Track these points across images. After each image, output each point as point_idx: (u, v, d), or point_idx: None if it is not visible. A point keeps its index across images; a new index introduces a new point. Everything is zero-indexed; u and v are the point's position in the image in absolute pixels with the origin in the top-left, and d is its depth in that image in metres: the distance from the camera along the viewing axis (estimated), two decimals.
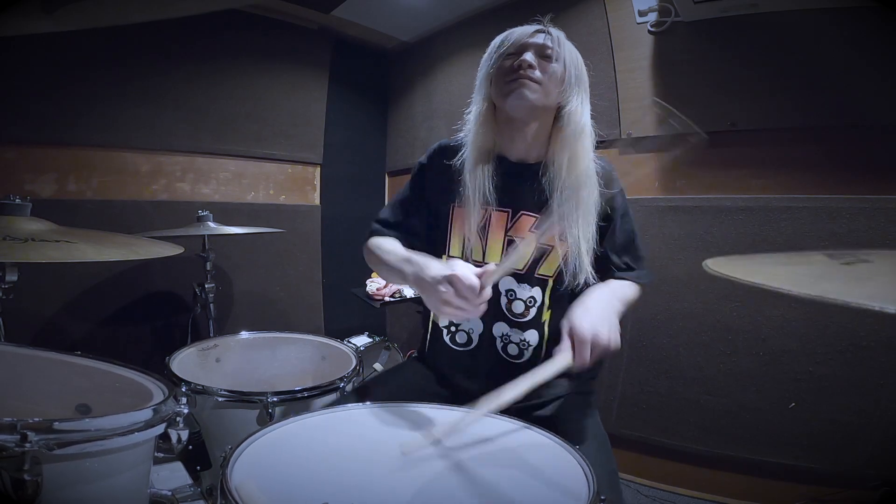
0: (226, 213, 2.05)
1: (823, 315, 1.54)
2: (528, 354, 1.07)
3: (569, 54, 1.02)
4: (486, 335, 1.08)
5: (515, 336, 1.06)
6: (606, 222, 1.06)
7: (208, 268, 1.88)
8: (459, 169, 1.06)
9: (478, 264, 1.00)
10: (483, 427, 0.86)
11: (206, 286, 1.88)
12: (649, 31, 1.85)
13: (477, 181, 1.03)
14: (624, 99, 1.92)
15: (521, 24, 1.04)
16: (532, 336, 1.06)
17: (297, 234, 2.61)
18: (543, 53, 1.00)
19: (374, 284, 2.34)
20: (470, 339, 1.10)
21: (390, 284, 2.28)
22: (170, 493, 0.86)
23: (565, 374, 1.09)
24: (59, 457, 0.65)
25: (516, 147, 1.06)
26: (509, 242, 1.05)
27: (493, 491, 0.69)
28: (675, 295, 1.81)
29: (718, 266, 0.74)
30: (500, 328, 1.07)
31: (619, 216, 1.08)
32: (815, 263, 0.77)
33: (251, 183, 2.47)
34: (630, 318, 1.86)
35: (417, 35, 2.73)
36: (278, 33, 2.46)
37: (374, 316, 2.80)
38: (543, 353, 1.06)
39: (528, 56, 0.99)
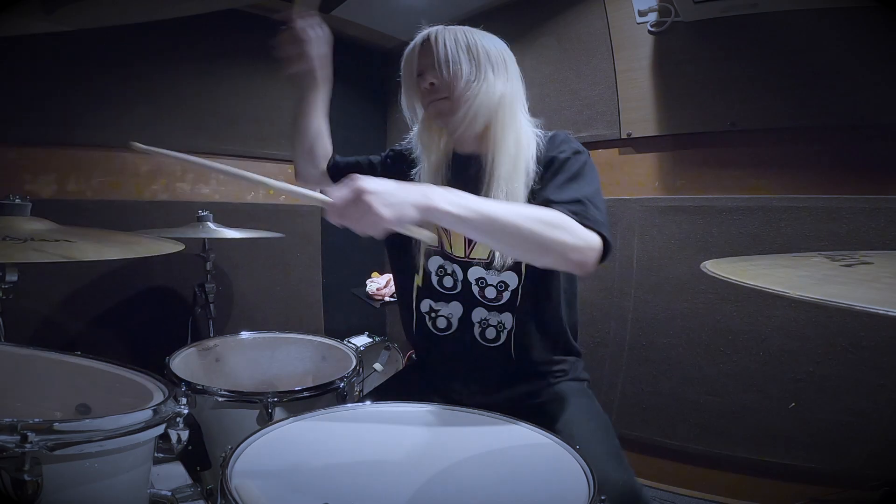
0: (226, 213, 2.05)
1: (823, 315, 1.54)
2: (503, 338, 1.07)
3: (462, 47, 1.02)
4: (466, 320, 1.09)
5: (494, 319, 1.07)
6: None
7: (208, 268, 1.88)
8: (416, 169, 1.11)
9: (446, 255, 1.09)
10: (483, 427, 0.87)
11: (206, 286, 1.88)
12: (649, 31, 1.85)
13: (435, 179, 1.07)
14: (624, 99, 1.92)
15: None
16: (507, 318, 1.06)
17: (297, 235, 2.61)
18: (436, 64, 1.01)
19: (374, 284, 2.34)
20: (449, 324, 1.10)
21: (390, 284, 2.28)
22: (170, 493, 0.85)
23: (562, 365, 1.10)
24: (59, 457, 0.65)
25: (461, 142, 1.09)
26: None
27: (492, 491, 0.69)
28: (675, 295, 1.81)
29: (718, 268, 0.74)
30: (479, 313, 1.08)
31: (553, 171, 0.98)
32: (815, 265, 0.77)
33: (251, 183, 2.47)
34: (630, 318, 1.87)
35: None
36: (278, 33, 2.45)
37: (374, 316, 2.80)
38: (514, 336, 1.06)
39: (425, 82, 1.02)
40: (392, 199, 0.73)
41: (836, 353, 1.53)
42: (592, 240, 0.84)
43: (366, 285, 2.36)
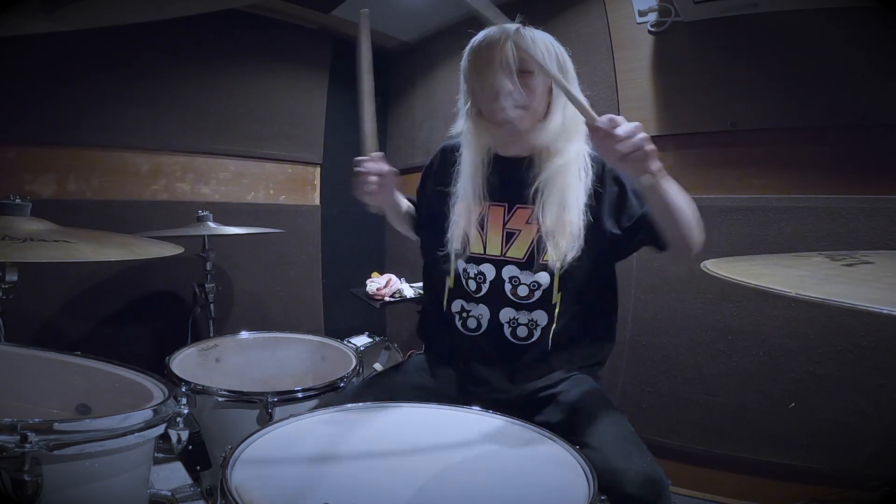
0: (226, 213, 2.05)
1: (823, 315, 1.53)
2: (537, 334, 1.08)
3: (546, 54, 1.00)
4: (494, 321, 1.10)
5: (524, 317, 1.08)
6: (620, 201, 1.06)
7: (208, 268, 1.88)
8: (459, 167, 1.12)
9: (478, 258, 1.10)
10: (483, 427, 0.87)
11: (206, 286, 1.88)
12: (649, 31, 1.85)
13: (475, 178, 1.09)
14: (624, 99, 1.92)
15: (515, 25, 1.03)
16: (541, 316, 1.08)
17: (297, 234, 2.61)
18: (521, 69, 0.99)
19: (374, 284, 2.33)
20: (479, 325, 1.12)
21: (390, 284, 2.28)
22: (170, 493, 0.86)
23: (569, 358, 1.11)
24: (59, 457, 0.65)
25: (509, 145, 1.09)
26: (507, 235, 1.09)
27: (492, 491, 0.69)
28: (675, 295, 1.81)
29: (718, 267, 0.74)
30: (507, 313, 1.09)
31: (628, 188, 1.06)
32: (816, 265, 0.76)
33: (251, 183, 2.47)
34: (630, 318, 1.86)
35: (417, 35, 2.73)
36: (278, 33, 2.46)
37: (374, 316, 2.80)
38: (552, 333, 1.08)
39: (506, 85, 0.97)
40: (657, 161, 0.88)
41: (836, 353, 1.53)
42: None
43: (366, 285, 2.35)
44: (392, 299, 2.28)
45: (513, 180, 1.08)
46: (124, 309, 2.12)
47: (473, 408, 0.93)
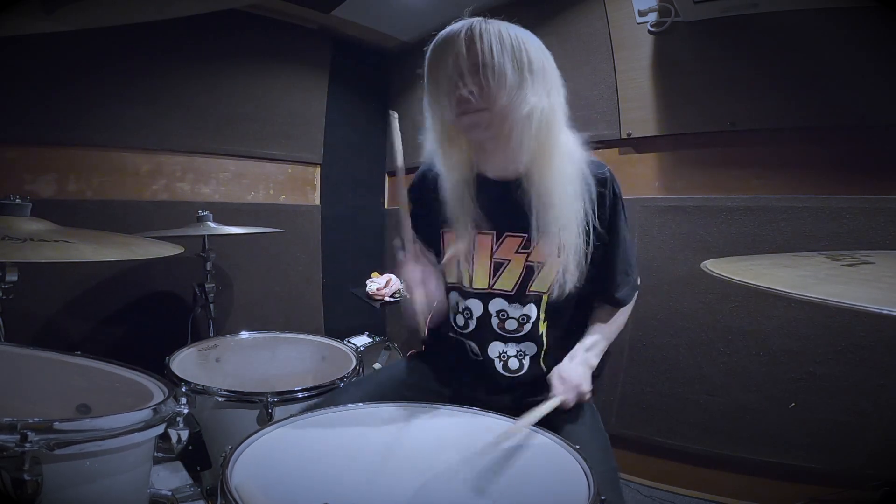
0: (226, 213, 2.05)
1: (823, 315, 1.53)
2: (527, 365, 1.05)
3: (498, 49, 0.87)
4: (486, 355, 1.06)
5: (512, 349, 1.05)
6: (601, 241, 1.01)
7: (208, 268, 1.88)
8: (443, 195, 1.01)
9: (464, 290, 1.06)
10: (483, 427, 0.87)
11: (206, 286, 1.88)
12: (649, 31, 1.85)
13: (462, 205, 0.99)
14: (624, 99, 1.92)
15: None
16: (530, 348, 1.05)
17: (297, 234, 2.61)
18: (475, 63, 0.88)
19: (374, 284, 2.33)
20: (477, 354, 1.09)
21: (390, 284, 2.28)
22: (170, 493, 0.86)
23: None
24: (59, 457, 0.65)
25: (492, 164, 1.00)
26: (496, 266, 1.01)
27: (492, 491, 0.69)
28: (675, 295, 1.81)
29: (718, 267, 0.74)
30: (496, 347, 1.05)
31: (616, 233, 1.02)
32: (816, 265, 0.76)
33: (251, 183, 2.47)
34: (630, 318, 1.87)
35: (417, 35, 2.73)
36: (278, 33, 2.46)
37: (374, 316, 2.80)
38: (543, 362, 1.06)
39: (462, 88, 0.88)
40: (587, 386, 0.97)
41: (836, 353, 1.53)
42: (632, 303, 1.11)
43: (366, 285, 2.35)
44: (392, 299, 2.28)
45: (502, 205, 0.98)
46: (124, 309, 2.12)
47: (473, 408, 0.93)
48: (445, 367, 1.14)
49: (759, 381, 1.66)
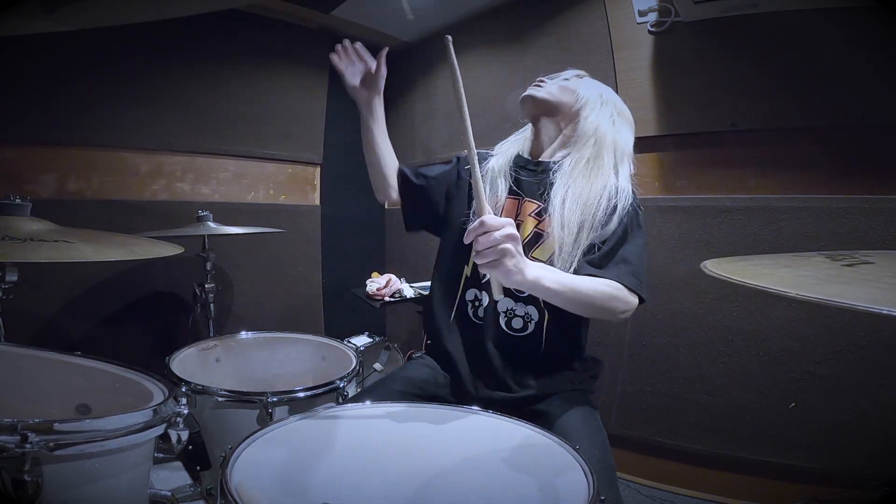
0: (226, 213, 2.05)
1: (824, 315, 1.54)
2: (530, 328, 1.11)
3: (576, 83, 1.21)
4: (491, 310, 1.13)
5: (520, 310, 1.12)
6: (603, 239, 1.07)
7: (208, 268, 1.88)
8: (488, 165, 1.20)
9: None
10: (483, 427, 0.87)
11: (206, 286, 1.88)
12: (649, 31, 1.85)
13: (500, 173, 1.17)
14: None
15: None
16: (533, 312, 1.11)
17: (297, 234, 2.61)
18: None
19: (374, 284, 2.33)
20: (486, 313, 1.14)
21: (390, 284, 2.28)
22: (170, 493, 0.85)
23: (567, 372, 1.12)
24: (59, 457, 0.65)
25: (535, 146, 1.21)
26: (517, 225, 1.09)
27: (492, 491, 0.69)
28: (675, 295, 1.81)
29: (718, 267, 0.74)
30: (505, 303, 1.12)
31: (624, 236, 1.07)
32: (816, 265, 0.76)
33: (251, 183, 2.47)
34: (630, 318, 1.87)
35: (417, 35, 2.73)
36: (278, 33, 2.46)
37: (374, 316, 2.80)
38: (545, 331, 1.10)
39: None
40: (520, 265, 0.83)
41: (836, 353, 1.53)
42: (634, 302, 1.01)
43: (366, 285, 2.35)
44: (392, 299, 2.28)
45: (529, 177, 1.16)
46: (124, 309, 2.12)
47: (473, 408, 0.93)
48: (445, 363, 1.17)
49: (759, 381, 1.66)
